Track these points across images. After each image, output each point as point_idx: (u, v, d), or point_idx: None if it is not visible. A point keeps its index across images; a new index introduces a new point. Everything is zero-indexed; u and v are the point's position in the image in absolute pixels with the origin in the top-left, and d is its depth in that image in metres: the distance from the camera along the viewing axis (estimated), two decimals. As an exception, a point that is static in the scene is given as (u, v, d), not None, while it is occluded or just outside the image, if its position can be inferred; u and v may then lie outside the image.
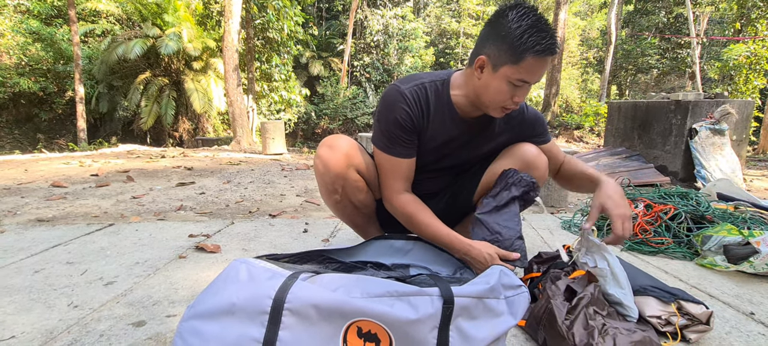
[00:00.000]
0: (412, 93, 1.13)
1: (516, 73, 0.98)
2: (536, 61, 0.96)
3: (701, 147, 3.68)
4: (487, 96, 1.06)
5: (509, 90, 1.02)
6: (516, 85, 1.00)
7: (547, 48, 0.95)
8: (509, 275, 0.86)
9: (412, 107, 1.12)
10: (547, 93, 9.92)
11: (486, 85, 1.05)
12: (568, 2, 10.05)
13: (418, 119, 1.14)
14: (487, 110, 1.10)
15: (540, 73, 0.99)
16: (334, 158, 1.17)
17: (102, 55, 12.24)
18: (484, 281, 0.83)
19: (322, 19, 19.38)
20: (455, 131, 1.20)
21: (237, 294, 0.78)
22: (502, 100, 1.04)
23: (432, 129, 1.18)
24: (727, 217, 1.77)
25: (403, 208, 1.18)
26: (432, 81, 1.17)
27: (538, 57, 0.96)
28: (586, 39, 21.34)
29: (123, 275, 1.28)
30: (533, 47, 0.94)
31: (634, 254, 1.68)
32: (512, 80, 1.00)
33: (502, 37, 0.98)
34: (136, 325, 1.01)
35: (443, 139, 1.21)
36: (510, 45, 0.97)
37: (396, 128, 1.12)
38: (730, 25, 12.49)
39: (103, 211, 2.23)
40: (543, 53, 0.95)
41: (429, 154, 1.23)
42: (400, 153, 1.15)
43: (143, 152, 5.24)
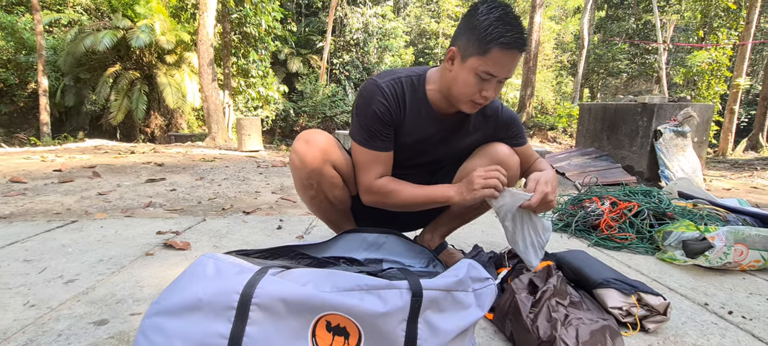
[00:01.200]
0: (389, 87, 1.14)
1: (482, 65, 0.99)
2: (502, 54, 0.97)
3: (665, 148, 3.85)
4: (456, 88, 1.07)
5: (477, 83, 1.02)
6: (483, 77, 1.01)
7: (512, 41, 0.96)
8: (477, 267, 0.88)
9: (390, 101, 1.13)
10: (523, 94, 10.14)
11: (455, 77, 1.06)
12: (543, 6, 10.29)
13: (396, 113, 1.15)
14: (457, 104, 1.11)
15: (507, 67, 1.00)
16: (310, 153, 1.16)
17: (68, 46, 11.69)
18: (453, 273, 0.84)
19: (302, 16, 19.15)
20: (431, 128, 1.21)
21: (203, 289, 0.77)
22: (471, 94, 1.05)
23: (408, 124, 1.19)
24: (686, 214, 1.86)
25: (384, 187, 1.17)
26: (408, 76, 1.18)
27: (504, 50, 0.96)
28: (561, 43, 21.94)
29: (85, 273, 1.23)
30: (498, 39, 0.95)
31: (600, 250, 1.74)
32: (479, 72, 1.00)
33: (472, 29, 0.99)
34: (98, 324, 0.97)
35: (419, 136, 1.21)
36: (477, 36, 0.98)
37: (375, 122, 1.12)
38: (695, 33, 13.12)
39: (66, 207, 2.14)
40: (508, 46, 0.96)
41: (405, 150, 1.24)
42: (378, 147, 1.15)
43: (111, 147, 5.04)
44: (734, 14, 10.42)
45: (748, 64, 12.69)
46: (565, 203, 2.17)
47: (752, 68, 16.59)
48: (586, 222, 1.91)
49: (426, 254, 1.26)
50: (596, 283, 1.16)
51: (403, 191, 1.16)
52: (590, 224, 1.89)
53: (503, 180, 1.08)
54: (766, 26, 16.30)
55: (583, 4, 13.66)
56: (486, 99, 1.05)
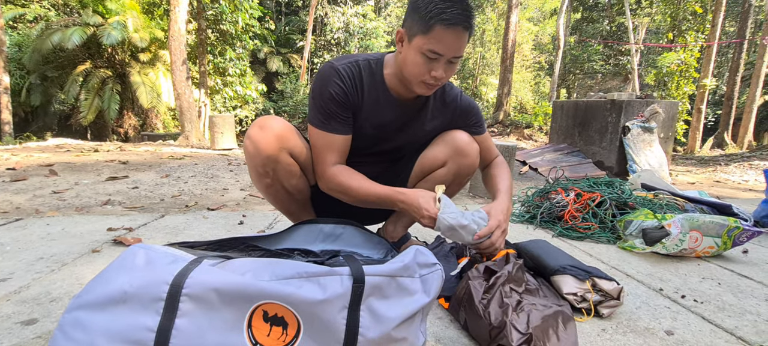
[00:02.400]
0: (346, 69, 1.11)
1: (427, 43, 0.97)
2: (445, 32, 0.95)
3: (633, 143, 3.95)
4: (406, 69, 1.05)
5: (425, 62, 1.01)
6: (430, 57, 0.99)
7: (453, 17, 0.93)
8: (425, 253, 0.85)
9: (346, 82, 1.10)
10: (500, 93, 10.28)
11: (405, 58, 1.04)
12: (519, 6, 10.45)
13: (353, 96, 1.12)
14: (410, 87, 1.09)
15: (452, 45, 0.97)
16: (265, 139, 1.11)
17: (34, 42, 11.21)
18: (399, 259, 0.82)
19: (282, 14, 18.92)
20: (389, 113, 1.18)
21: (130, 281, 0.72)
22: (420, 74, 1.03)
23: (366, 109, 1.16)
24: (647, 203, 1.89)
25: (337, 177, 1.14)
26: (366, 59, 1.16)
27: (446, 27, 0.94)
28: (539, 44, 22.37)
29: (20, 272, 1.16)
30: (439, 15, 0.93)
31: (564, 239, 1.75)
32: (424, 51, 0.99)
33: (416, 8, 0.98)
34: (26, 323, 0.91)
35: (377, 121, 1.19)
36: (420, 15, 0.97)
37: (330, 103, 1.09)
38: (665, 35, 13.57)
39: (15, 206, 2.02)
40: (450, 23, 0.94)
41: (364, 137, 1.21)
42: (334, 129, 1.12)
43: (74, 146, 4.84)
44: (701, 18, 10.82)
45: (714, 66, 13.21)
46: (532, 196, 2.18)
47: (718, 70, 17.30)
48: (551, 213, 1.92)
49: (384, 245, 1.23)
50: (553, 270, 1.16)
51: (354, 183, 1.13)
52: (555, 215, 1.91)
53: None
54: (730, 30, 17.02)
55: (560, 6, 13.96)
56: (437, 79, 1.03)
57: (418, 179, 1.35)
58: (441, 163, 1.28)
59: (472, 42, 21.09)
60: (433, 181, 1.31)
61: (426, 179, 1.33)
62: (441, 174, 1.29)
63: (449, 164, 1.27)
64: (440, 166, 1.28)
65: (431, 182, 1.32)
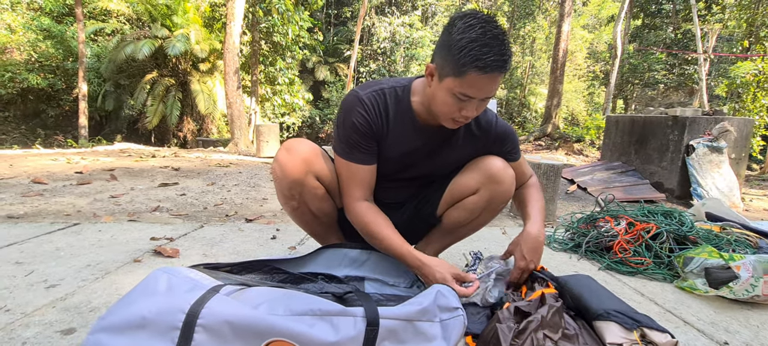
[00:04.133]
0: (370, 98, 1.09)
1: (458, 87, 0.93)
2: (479, 78, 0.90)
3: (698, 164, 3.59)
4: (435, 106, 1.02)
5: (455, 102, 0.96)
6: (460, 99, 0.95)
7: (489, 64, 0.88)
8: (446, 295, 0.80)
9: (370, 112, 1.08)
10: (548, 104, 9.83)
11: (434, 94, 1.01)
12: (571, 14, 9.98)
13: (377, 125, 1.10)
14: (439, 120, 1.05)
15: (485, 89, 0.93)
16: (291, 163, 1.12)
17: (110, 53, 12.37)
18: (418, 301, 0.77)
19: (331, 25, 19.50)
20: (417, 140, 1.15)
21: (149, 307, 0.73)
22: (450, 112, 0.99)
23: (392, 136, 1.13)
24: (711, 238, 1.69)
25: (361, 216, 1.13)
26: (392, 87, 1.13)
27: (481, 73, 0.90)
28: (594, 52, 21.24)
29: (69, 278, 1.24)
30: (473, 63, 0.89)
31: (612, 274, 1.60)
32: (455, 93, 0.94)
33: (448, 48, 0.93)
34: (65, 332, 0.96)
35: (405, 148, 1.16)
36: (453, 57, 0.92)
37: (353, 133, 1.08)
38: (739, 43, 12.33)
39: (77, 209, 2.20)
40: (485, 70, 0.89)
41: (392, 164, 1.18)
42: (358, 159, 1.10)
43: (135, 151, 5.24)
44: (784, 22, 9.72)
45: (800, 76, 11.78)
46: (576, 222, 2.03)
47: (805, 80, 15.40)
48: (598, 243, 1.77)
49: (410, 274, 1.19)
50: (596, 313, 1.05)
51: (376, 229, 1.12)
52: (603, 245, 1.76)
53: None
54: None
55: (617, 12, 13.17)
56: (467, 118, 1.00)
57: (448, 206, 1.29)
58: (473, 191, 1.22)
59: (522, 50, 20.46)
60: (464, 209, 1.26)
61: (456, 206, 1.28)
62: (473, 201, 1.23)
63: (482, 192, 1.21)
64: (472, 193, 1.23)
65: (462, 209, 1.26)
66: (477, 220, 1.30)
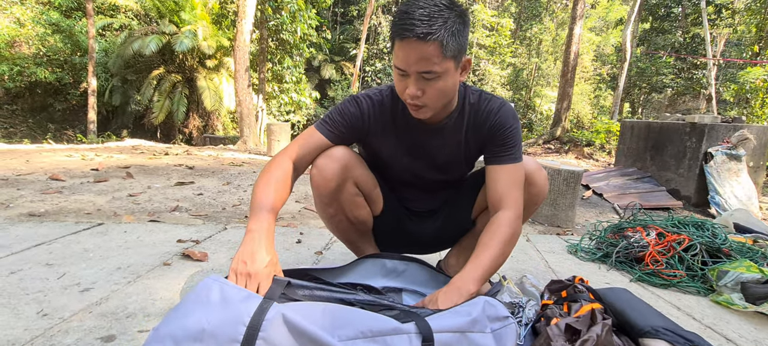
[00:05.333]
0: (366, 97, 1.12)
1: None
2: (399, 46, 0.91)
3: (716, 172, 3.55)
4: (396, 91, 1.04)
5: (398, 80, 0.97)
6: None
7: (401, 30, 0.88)
8: (494, 305, 0.78)
9: (362, 107, 1.11)
10: (558, 107, 9.78)
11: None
12: (583, 17, 9.93)
13: (365, 121, 1.11)
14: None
15: (408, 58, 0.90)
16: (331, 169, 1.09)
17: (118, 49, 12.39)
18: (466, 311, 0.75)
19: (337, 24, 19.49)
20: (420, 137, 1.14)
21: (207, 318, 0.71)
22: (401, 92, 0.99)
23: (399, 134, 1.14)
24: (746, 251, 1.66)
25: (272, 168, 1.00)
26: (389, 86, 1.14)
27: (400, 40, 0.90)
28: (601, 55, 21.14)
29: (101, 281, 1.22)
30: (393, 27, 0.92)
31: (644, 286, 1.58)
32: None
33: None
34: (105, 340, 0.94)
35: (413, 143, 1.15)
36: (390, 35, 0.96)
37: (336, 114, 1.11)
38: (748, 48, 12.23)
39: (97, 208, 2.19)
40: (400, 36, 0.89)
41: (403, 165, 1.19)
42: (323, 130, 1.09)
43: (147, 148, 5.23)
44: (795, 28, 9.64)
45: (812, 83, 11.66)
46: (604, 231, 2.01)
47: (816, 87, 15.27)
48: (628, 253, 1.74)
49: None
50: (643, 331, 1.03)
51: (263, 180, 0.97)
52: (633, 256, 1.73)
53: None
54: (832, 42, 15.01)
55: (626, 15, 13.09)
56: (411, 96, 0.96)
57: (481, 209, 1.27)
58: None
59: (528, 52, 20.37)
60: None
61: (489, 210, 1.25)
62: None
63: None
64: None
65: None
66: None
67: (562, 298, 1.16)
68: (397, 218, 1.29)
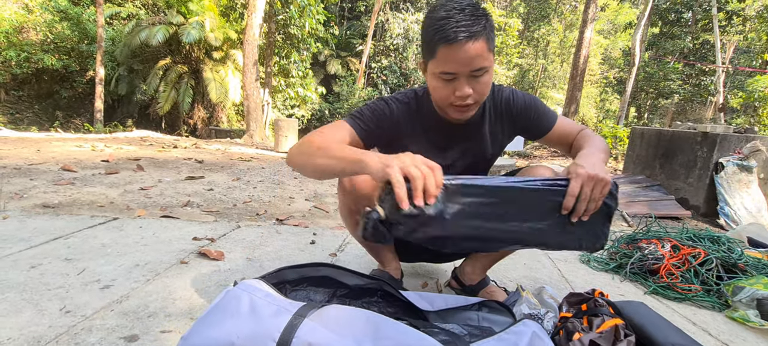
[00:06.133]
0: (393, 100, 1.13)
1: (436, 67, 0.94)
2: (448, 50, 0.90)
3: (727, 183, 3.53)
4: (434, 98, 1.04)
5: (443, 85, 0.97)
6: (445, 79, 0.95)
7: (451, 33, 0.88)
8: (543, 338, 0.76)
9: (392, 108, 1.11)
10: (566, 111, 9.74)
11: (430, 87, 1.03)
12: (594, 21, 9.86)
13: (396, 123, 1.11)
14: (446, 114, 1.06)
15: (462, 60, 0.91)
16: (362, 178, 1.08)
17: (125, 38, 12.40)
18: (512, 340, 0.74)
19: (344, 19, 19.42)
20: (447, 137, 1.15)
21: (237, 331, 0.72)
22: (445, 97, 0.98)
23: (425, 136, 1.14)
24: (762, 267, 1.65)
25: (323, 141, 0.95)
26: (422, 89, 1.15)
27: (449, 44, 0.89)
28: (608, 58, 21.03)
29: (121, 279, 1.23)
30: (439, 37, 0.90)
31: (659, 299, 1.57)
32: (438, 75, 0.95)
33: (422, 35, 0.97)
34: (128, 339, 0.95)
35: (441, 145, 1.16)
36: (426, 41, 0.95)
37: (367, 110, 1.10)
38: (758, 56, 12.15)
39: (110, 201, 2.19)
40: (450, 40, 0.89)
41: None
42: (353, 125, 1.07)
43: (156, 140, 5.24)
44: (807, 38, 9.55)
45: (821, 93, 11.57)
46: (617, 241, 2.00)
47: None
48: (642, 265, 1.74)
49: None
50: (662, 348, 1.02)
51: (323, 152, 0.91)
52: (647, 268, 1.72)
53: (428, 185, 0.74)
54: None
55: (636, 19, 13.00)
56: (463, 98, 0.96)
57: None
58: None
59: (535, 53, 20.28)
60: None
61: None
62: None
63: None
64: None
65: None
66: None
67: (582, 311, 1.15)
68: None
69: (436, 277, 1.53)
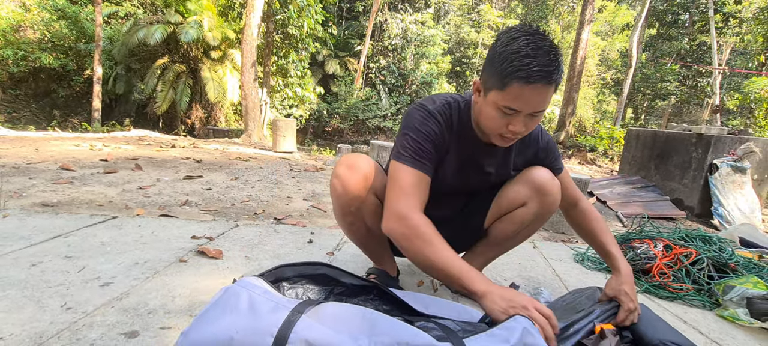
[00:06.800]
0: (441, 112, 1.09)
1: (502, 100, 0.91)
2: (522, 89, 0.88)
3: (721, 184, 3.57)
4: (482, 121, 1.02)
5: (500, 117, 0.94)
6: (505, 112, 0.93)
7: (531, 75, 0.86)
8: (534, 334, 0.78)
9: (443, 125, 1.08)
10: (563, 112, 9.79)
11: (480, 110, 1.01)
12: (591, 22, 9.91)
13: (448, 137, 1.10)
14: (488, 138, 1.06)
15: (530, 102, 0.90)
16: (353, 180, 1.11)
17: (123, 37, 12.36)
18: (504, 336, 0.76)
19: (343, 19, 19.42)
20: (475, 155, 1.15)
21: (236, 326, 0.73)
22: (496, 127, 0.97)
23: (453, 150, 1.14)
24: (752, 266, 1.68)
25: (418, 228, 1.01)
26: (455, 100, 1.13)
27: (524, 84, 0.87)
28: (605, 59, 21.11)
29: (120, 276, 1.24)
30: (514, 73, 0.87)
31: (651, 298, 1.60)
32: (500, 107, 0.93)
33: (491, 61, 0.93)
34: (129, 335, 0.96)
35: (463, 162, 1.16)
36: (496, 69, 0.91)
37: (426, 141, 1.05)
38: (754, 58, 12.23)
39: (108, 200, 2.21)
40: (527, 80, 0.86)
41: (449, 177, 1.18)
42: (425, 169, 1.05)
43: (154, 139, 5.25)
44: (802, 40, 9.63)
45: (816, 95, 11.65)
46: (611, 241, 2.02)
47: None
48: (635, 265, 1.76)
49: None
50: (652, 344, 1.05)
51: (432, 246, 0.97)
52: (640, 267, 1.75)
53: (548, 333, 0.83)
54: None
55: (634, 21, 13.08)
56: (514, 134, 0.97)
57: (495, 218, 1.30)
58: (521, 203, 1.23)
59: (533, 54, 20.31)
60: (513, 221, 1.26)
61: (504, 219, 1.28)
62: (521, 213, 1.23)
63: (530, 204, 1.21)
64: (520, 205, 1.23)
65: (510, 222, 1.26)
66: (524, 232, 1.31)
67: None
68: None
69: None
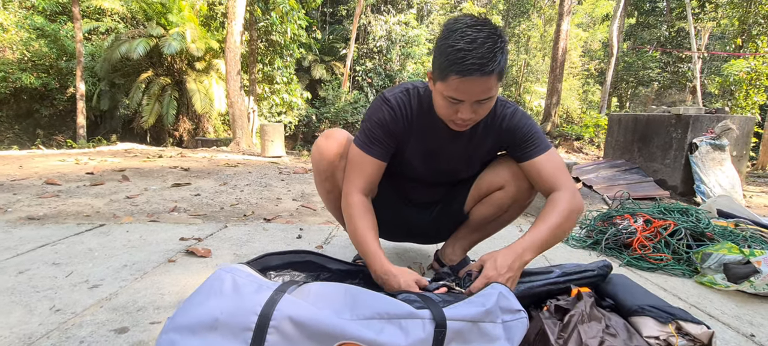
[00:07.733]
0: (396, 98, 1.14)
1: (445, 90, 0.95)
2: (460, 81, 0.91)
3: (701, 162, 3.66)
4: (436, 108, 1.06)
5: (448, 105, 0.98)
6: (451, 102, 0.96)
7: (465, 68, 0.88)
8: (509, 297, 0.82)
9: (396, 111, 1.13)
10: (548, 103, 9.93)
11: (434, 98, 1.05)
12: (570, 13, 10.07)
13: (402, 125, 1.14)
14: (445, 123, 1.08)
15: (470, 92, 0.93)
16: (328, 147, 1.20)
17: (105, 52, 12.24)
18: (480, 302, 0.79)
19: (326, 24, 19.44)
20: (439, 139, 1.18)
21: (220, 307, 0.75)
22: (447, 115, 1.01)
23: (416, 135, 1.17)
24: (728, 234, 1.74)
25: (353, 208, 1.12)
26: (415, 87, 1.17)
27: (460, 77, 0.90)
28: (588, 50, 21.42)
29: (109, 279, 1.25)
30: (450, 67, 0.90)
31: (633, 270, 1.65)
32: (445, 96, 0.96)
33: (436, 52, 0.98)
34: (119, 332, 0.98)
35: (429, 147, 1.19)
36: (438, 61, 0.95)
37: (377, 128, 1.12)
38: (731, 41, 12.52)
39: (96, 210, 2.20)
40: (462, 73, 0.89)
41: (418, 163, 1.22)
42: (374, 153, 1.13)
43: (141, 151, 5.21)
44: (776, 21, 9.90)
45: (792, 74, 11.98)
46: (593, 219, 2.08)
47: (796, 78, 15.66)
48: (617, 240, 1.81)
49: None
50: (631, 310, 1.09)
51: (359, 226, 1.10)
52: (621, 242, 1.80)
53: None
54: (811, 33, 15.39)
55: (613, 11, 13.31)
56: (464, 121, 1.00)
57: (475, 201, 1.33)
58: (499, 186, 1.26)
59: (516, 49, 20.56)
60: (491, 204, 1.29)
61: (483, 202, 1.31)
62: (499, 197, 1.26)
63: (507, 187, 1.24)
64: (498, 189, 1.26)
65: (489, 205, 1.29)
66: (504, 216, 1.34)
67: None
68: (396, 205, 1.34)
69: (419, 261, 1.58)
